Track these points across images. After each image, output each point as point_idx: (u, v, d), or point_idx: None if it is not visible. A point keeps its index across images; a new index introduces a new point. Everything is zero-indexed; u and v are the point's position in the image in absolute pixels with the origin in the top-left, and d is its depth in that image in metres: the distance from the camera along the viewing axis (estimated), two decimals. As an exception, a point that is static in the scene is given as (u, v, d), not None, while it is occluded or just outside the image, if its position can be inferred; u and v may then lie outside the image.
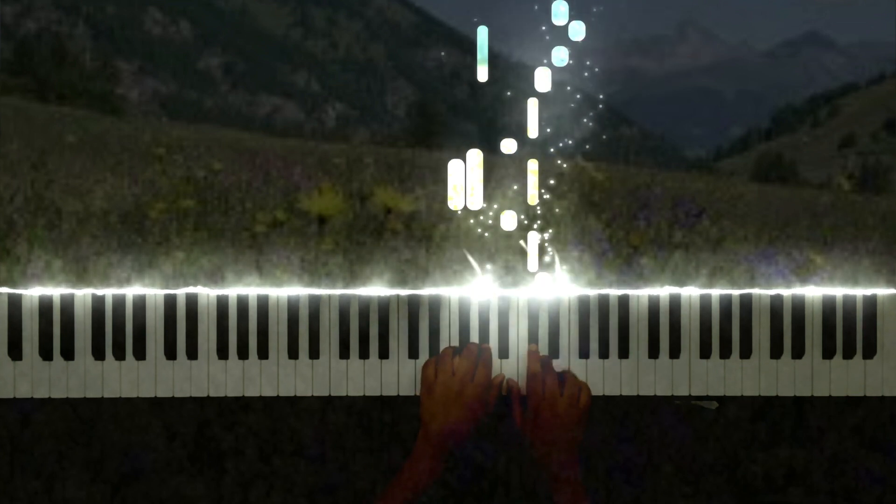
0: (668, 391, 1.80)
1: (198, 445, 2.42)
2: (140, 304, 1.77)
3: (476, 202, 1.94)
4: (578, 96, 2.15)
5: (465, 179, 1.93)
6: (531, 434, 1.71)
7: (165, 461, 2.40)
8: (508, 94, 2.06)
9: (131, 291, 1.77)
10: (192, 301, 1.78)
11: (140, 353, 1.77)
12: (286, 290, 1.78)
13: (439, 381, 1.70)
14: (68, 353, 1.76)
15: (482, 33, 1.92)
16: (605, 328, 1.80)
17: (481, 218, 2.05)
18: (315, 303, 1.78)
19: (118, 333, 1.77)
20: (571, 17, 1.91)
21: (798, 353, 1.80)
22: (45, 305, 1.76)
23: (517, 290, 1.81)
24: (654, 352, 1.80)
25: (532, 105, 1.93)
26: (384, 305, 1.78)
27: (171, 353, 1.77)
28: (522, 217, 1.98)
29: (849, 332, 1.81)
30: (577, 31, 1.90)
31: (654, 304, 1.80)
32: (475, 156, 1.93)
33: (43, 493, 2.36)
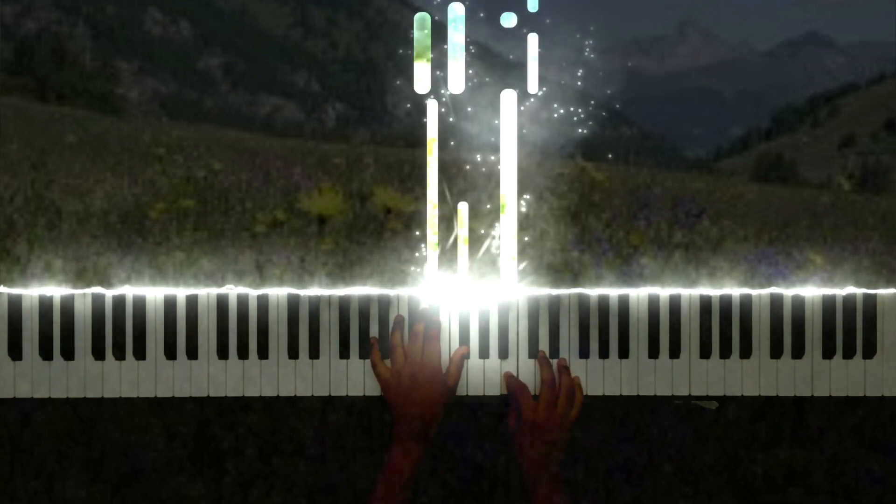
0: (668, 391, 1.80)
1: (198, 445, 2.42)
2: (140, 304, 1.77)
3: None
4: (578, 96, 2.15)
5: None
6: (527, 440, 1.70)
7: (165, 461, 2.40)
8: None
9: (131, 291, 1.77)
10: (192, 301, 1.77)
11: (140, 353, 1.77)
12: (286, 290, 1.78)
13: (392, 373, 1.71)
14: (68, 353, 1.76)
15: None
16: (605, 328, 1.79)
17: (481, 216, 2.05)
18: (315, 303, 1.78)
19: (118, 333, 1.76)
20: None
21: (798, 353, 1.80)
22: (45, 305, 1.76)
23: (517, 290, 1.81)
24: (654, 352, 1.80)
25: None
26: (384, 305, 1.78)
27: (171, 353, 1.77)
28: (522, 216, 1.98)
29: (849, 332, 1.81)
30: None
31: (654, 304, 1.80)
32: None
33: (43, 493, 2.36)
